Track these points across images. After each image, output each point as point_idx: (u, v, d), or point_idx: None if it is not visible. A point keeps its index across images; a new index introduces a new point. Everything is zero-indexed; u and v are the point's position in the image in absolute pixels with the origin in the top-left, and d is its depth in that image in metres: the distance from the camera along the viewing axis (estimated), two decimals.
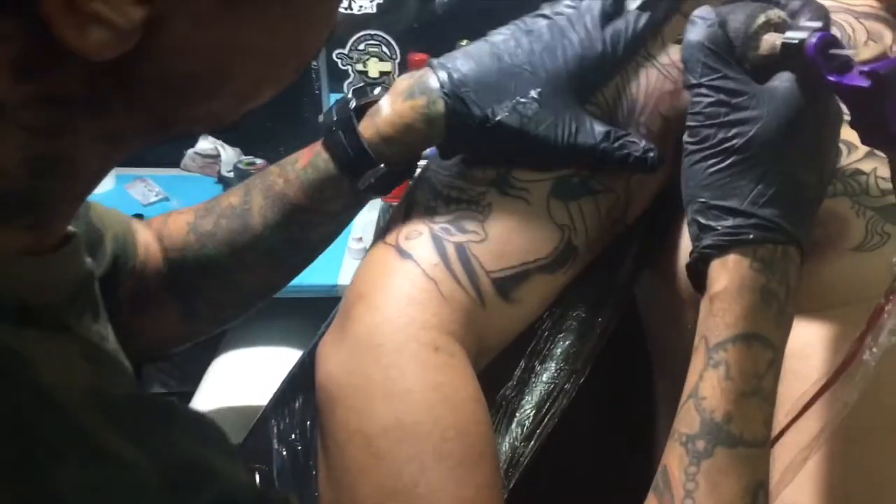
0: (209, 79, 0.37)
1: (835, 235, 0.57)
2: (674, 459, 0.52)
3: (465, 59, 0.59)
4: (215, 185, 2.09)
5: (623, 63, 0.60)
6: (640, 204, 0.64)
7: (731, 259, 0.52)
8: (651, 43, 0.61)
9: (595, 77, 0.59)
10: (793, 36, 0.52)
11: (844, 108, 0.53)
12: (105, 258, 0.64)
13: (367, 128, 0.62)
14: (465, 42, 0.62)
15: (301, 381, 0.71)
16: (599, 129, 0.58)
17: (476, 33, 0.63)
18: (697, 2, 0.61)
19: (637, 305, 0.73)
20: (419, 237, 0.59)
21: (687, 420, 0.52)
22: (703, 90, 0.53)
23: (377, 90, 0.71)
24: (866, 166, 0.57)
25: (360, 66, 2.02)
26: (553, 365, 0.64)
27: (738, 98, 0.52)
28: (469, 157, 0.62)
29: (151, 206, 1.96)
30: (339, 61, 2.02)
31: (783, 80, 0.53)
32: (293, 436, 0.70)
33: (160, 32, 0.34)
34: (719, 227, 0.52)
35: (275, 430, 0.71)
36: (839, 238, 0.57)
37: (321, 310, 0.75)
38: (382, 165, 0.61)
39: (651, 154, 0.59)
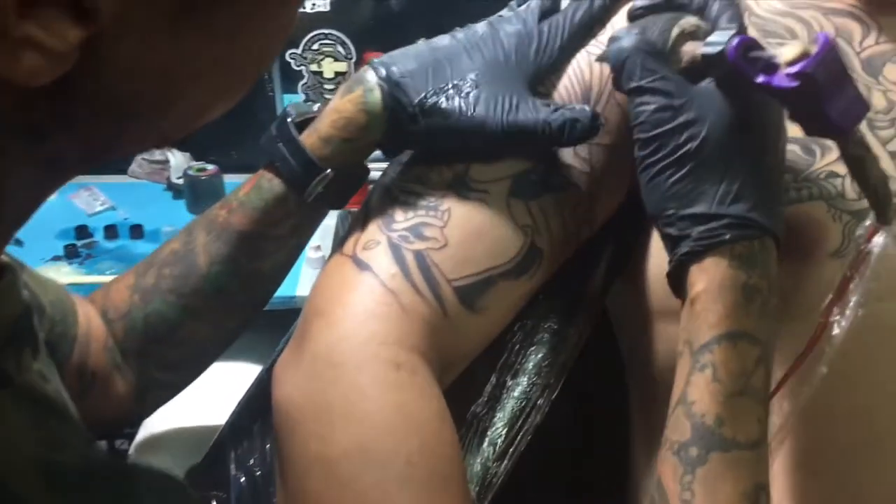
0: (157, 98, 0.35)
1: (812, 242, 0.57)
2: (667, 470, 0.50)
3: (402, 54, 0.59)
4: (164, 191, 2.04)
5: (567, 53, 0.60)
6: (608, 204, 0.63)
7: (709, 261, 0.51)
8: (600, 31, 0.61)
9: (536, 65, 0.58)
10: (711, 43, 0.52)
11: None
12: (44, 326, 0.60)
13: (309, 136, 0.60)
14: (422, 41, 0.61)
15: (259, 402, 0.68)
16: (540, 104, 0.57)
17: (434, 31, 0.63)
18: None
19: (609, 315, 0.72)
20: (377, 247, 0.57)
21: (678, 427, 0.51)
22: (646, 94, 0.52)
23: (316, 106, 0.69)
24: (840, 168, 0.57)
25: (314, 67, 1.99)
26: (525, 379, 0.62)
27: (681, 99, 0.52)
28: (417, 154, 0.60)
29: (97, 215, 1.91)
30: (292, 62, 1.99)
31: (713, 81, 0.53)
32: (252, 461, 0.67)
33: (102, 52, 0.31)
34: (693, 234, 0.52)
35: (232, 454, 0.69)
36: (816, 244, 0.57)
37: (279, 322, 0.73)
38: (329, 171, 0.60)
39: (598, 120, 0.57)
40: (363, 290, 0.56)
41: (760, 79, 0.50)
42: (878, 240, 0.52)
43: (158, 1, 0.31)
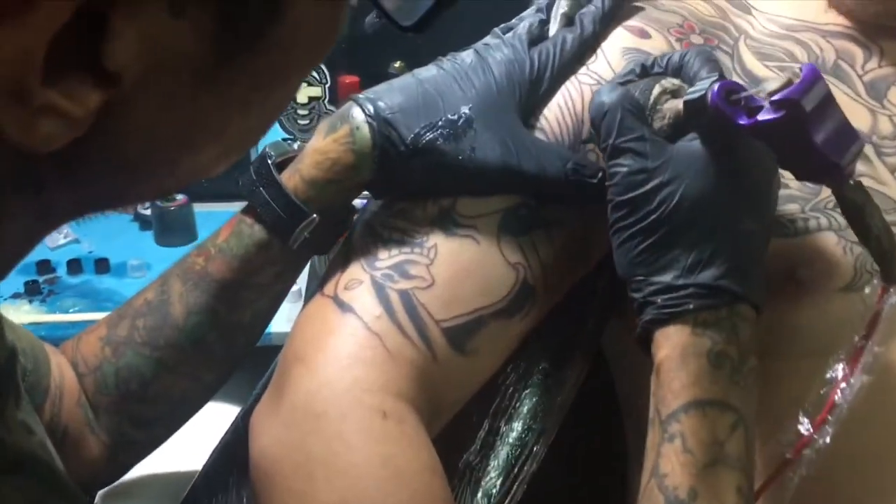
0: (165, 161, 0.34)
1: (821, 275, 0.55)
2: None
3: (388, 88, 0.57)
4: (131, 223, 2.00)
5: (558, 81, 0.58)
6: (603, 240, 0.61)
7: (672, 328, 0.51)
8: (590, 59, 0.60)
9: (529, 93, 0.57)
10: (693, 92, 0.51)
11: None
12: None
13: (290, 177, 0.58)
14: (398, 64, 0.60)
15: (234, 450, 0.66)
16: (541, 148, 0.56)
17: (408, 54, 0.61)
18: (631, 12, 0.60)
19: (605, 354, 0.70)
20: (359, 286, 0.55)
21: (651, 502, 0.49)
22: (621, 155, 0.52)
23: (296, 144, 0.67)
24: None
25: None
26: (520, 424, 0.60)
27: (656, 161, 0.51)
28: (407, 192, 0.58)
29: (60, 249, 1.86)
30: None
31: (696, 137, 0.52)
32: None
33: (118, 115, 0.30)
34: (658, 301, 0.51)
35: None
36: (826, 278, 0.55)
37: (255, 360, 0.70)
38: (315, 216, 0.57)
39: (602, 178, 0.56)
40: (345, 333, 0.54)
41: (744, 120, 0.49)
42: (891, 300, 0.50)
43: (182, 68, 0.30)
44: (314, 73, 1.95)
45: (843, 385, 0.51)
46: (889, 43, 0.62)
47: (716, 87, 0.50)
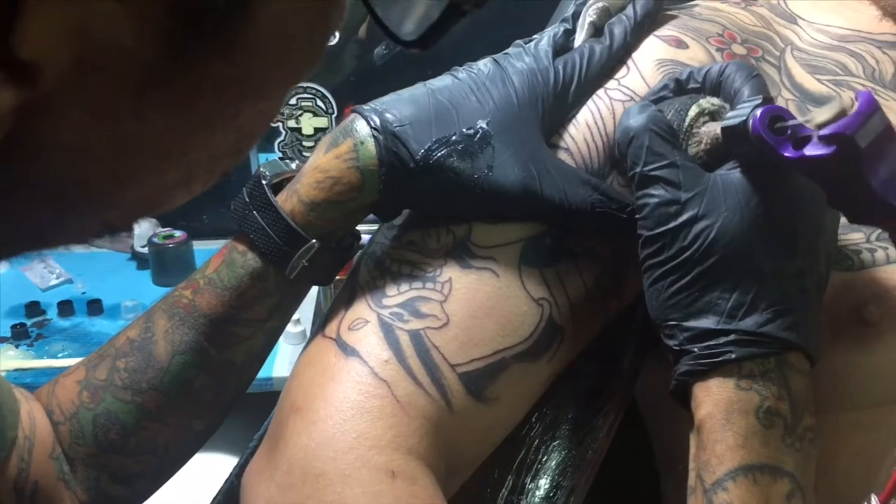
0: (106, 186, 0.30)
1: (893, 313, 0.52)
2: None
3: (397, 99, 0.54)
4: (128, 261, 1.98)
5: (585, 95, 0.56)
6: (638, 273, 0.57)
7: (713, 381, 0.48)
8: (621, 72, 0.57)
9: (553, 108, 0.54)
10: (733, 117, 0.48)
11: None
12: None
13: (287, 199, 0.55)
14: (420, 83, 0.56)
15: None
16: (566, 174, 0.53)
17: None
18: (665, 21, 0.57)
19: (639, 402, 0.66)
20: (365, 326, 0.52)
21: None
22: (650, 185, 0.49)
23: (295, 163, 0.64)
24: None
25: (292, 123, 1.96)
26: (547, 481, 0.57)
27: (690, 192, 0.48)
28: (418, 217, 0.56)
29: (52, 289, 1.84)
30: None
31: (737, 165, 0.49)
32: None
33: (43, 125, 0.26)
34: (695, 350, 0.48)
35: None
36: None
37: (253, 407, 0.70)
38: (314, 241, 0.54)
39: (632, 212, 0.52)
40: (349, 381, 0.50)
41: (789, 152, 0.45)
42: None
43: (122, 68, 0.25)
44: (320, 104, 1.94)
45: None
46: None
47: (759, 112, 0.46)
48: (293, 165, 0.60)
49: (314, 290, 1.68)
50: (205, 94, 0.28)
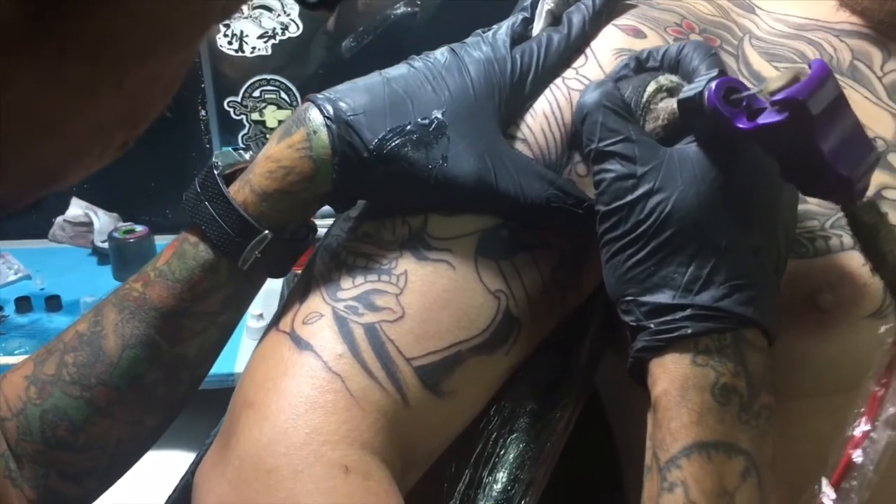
0: None
1: (846, 301, 0.52)
2: None
3: (352, 87, 0.54)
4: (89, 257, 1.96)
5: (542, 84, 0.55)
6: (598, 268, 0.57)
7: (669, 357, 0.47)
8: (579, 61, 0.56)
9: (509, 98, 0.54)
10: (689, 91, 0.48)
11: None
12: None
13: (240, 190, 0.54)
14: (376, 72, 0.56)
15: None
16: (522, 166, 0.52)
17: None
18: (624, 10, 0.58)
19: (600, 393, 0.66)
20: (319, 320, 0.52)
21: None
22: (606, 160, 0.49)
23: (249, 154, 0.64)
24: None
25: (255, 116, 1.94)
26: (505, 475, 0.57)
27: (645, 166, 0.48)
28: (374, 208, 0.55)
29: (9, 286, 1.82)
30: (231, 110, 1.95)
31: (693, 140, 0.49)
32: None
33: None
34: (651, 326, 0.48)
35: None
36: (851, 304, 0.52)
37: (215, 404, 0.66)
38: (267, 232, 0.53)
39: (588, 207, 0.52)
40: (302, 375, 0.50)
41: (743, 124, 0.45)
42: None
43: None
44: (284, 97, 1.93)
45: (864, 444, 0.46)
46: None
47: (714, 84, 0.46)
48: (247, 156, 0.59)
49: (279, 284, 1.67)
50: (77, 56, 0.26)
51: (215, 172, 0.55)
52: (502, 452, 0.57)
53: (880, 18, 0.60)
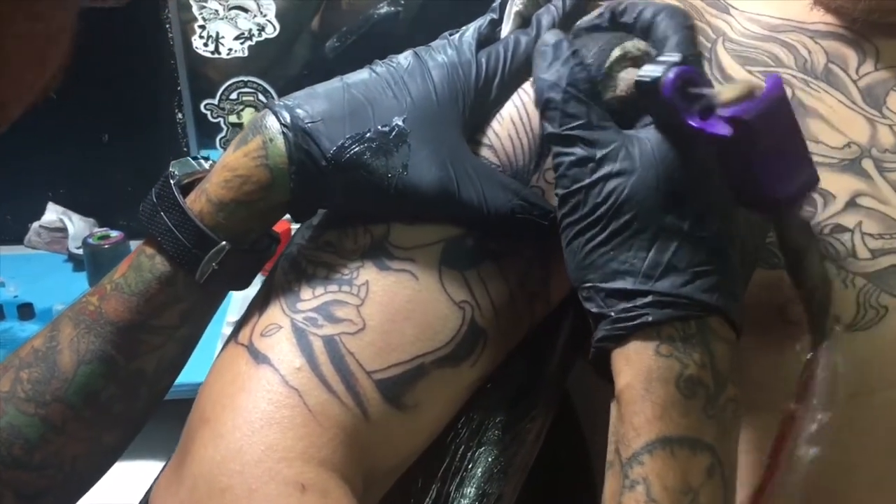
0: None
1: None
2: None
3: (310, 94, 0.53)
4: (64, 263, 1.94)
5: (509, 89, 0.54)
6: (566, 278, 0.56)
7: (632, 347, 0.46)
8: None
9: (474, 104, 0.53)
10: (648, 72, 0.47)
11: None
12: None
13: (196, 200, 0.53)
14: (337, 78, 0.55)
15: None
16: (483, 175, 0.51)
17: None
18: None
19: (571, 403, 0.65)
20: (277, 332, 0.50)
21: None
22: (564, 143, 0.48)
23: (208, 162, 0.62)
24: (849, 220, 0.51)
25: (233, 118, 1.93)
26: (472, 489, 0.56)
27: (604, 149, 0.47)
28: (336, 217, 0.54)
29: None
30: (208, 113, 1.94)
31: (652, 122, 0.49)
32: None
33: None
34: (612, 314, 0.46)
35: None
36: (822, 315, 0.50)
37: (188, 414, 0.65)
38: (224, 243, 0.52)
39: (554, 219, 0.51)
40: (259, 390, 0.48)
41: (694, 121, 0.45)
42: (822, 361, 0.46)
43: None
44: (262, 99, 1.92)
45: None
46: (884, 42, 0.59)
47: (672, 74, 0.45)
48: (207, 164, 0.58)
49: (254, 292, 1.66)
50: None
51: (171, 182, 0.53)
52: (470, 466, 0.56)
53: (855, 17, 0.59)
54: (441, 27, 0.61)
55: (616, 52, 0.49)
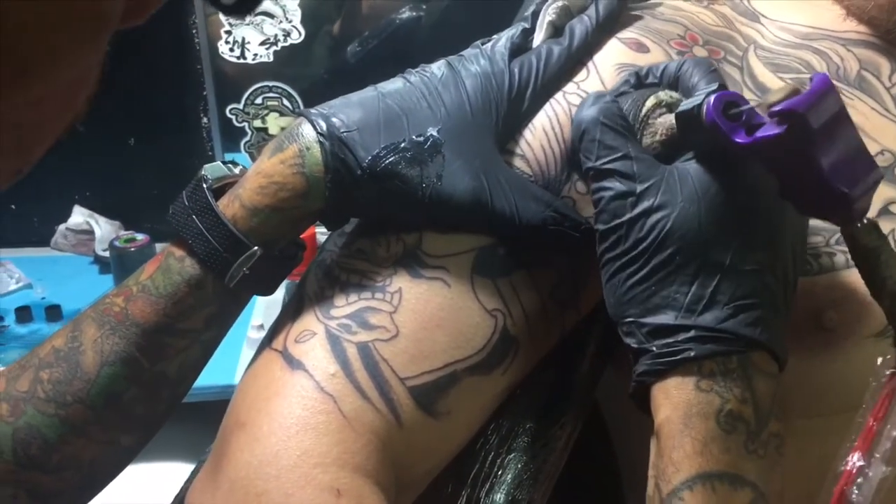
0: None
1: (851, 319, 0.51)
2: None
3: (345, 102, 0.53)
4: (90, 265, 1.95)
5: (541, 99, 0.54)
6: (597, 287, 0.56)
7: (672, 382, 0.46)
8: (580, 74, 0.55)
9: (507, 114, 0.53)
10: (688, 104, 0.47)
11: None
12: None
13: (229, 204, 0.53)
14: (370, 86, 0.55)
15: None
16: (516, 186, 0.51)
17: None
18: (628, 22, 0.57)
19: (600, 411, 0.65)
20: (312, 339, 0.51)
21: None
22: (604, 178, 0.48)
23: (238, 168, 0.62)
24: (882, 228, 0.51)
25: (258, 123, 1.94)
26: (502, 495, 0.56)
27: (644, 183, 0.47)
28: (368, 225, 0.54)
29: (10, 295, 1.81)
30: (233, 118, 1.95)
31: (693, 157, 0.48)
32: None
33: None
34: (653, 349, 0.46)
35: None
36: (856, 322, 0.51)
37: (214, 415, 0.65)
38: (256, 248, 0.52)
39: (586, 230, 0.51)
40: (294, 396, 0.49)
41: (741, 138, 0.44)
42: None
43: None
44: (287, 104, 1.92)
45: (859, 479, 0.45)
46: None
47: (712, 98, 0.45)
48: (236, 170, 0.58)
49: (280, 294, 1.66)
50: None
51: (204, 186, 0.54)
52: (500, 472, 0.56)
53: (888, 28, 0.59)
54: (463, 32, 0.61)
55: (651, 101, 0.50)
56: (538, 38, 0.56)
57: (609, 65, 0.55)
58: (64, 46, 0.26)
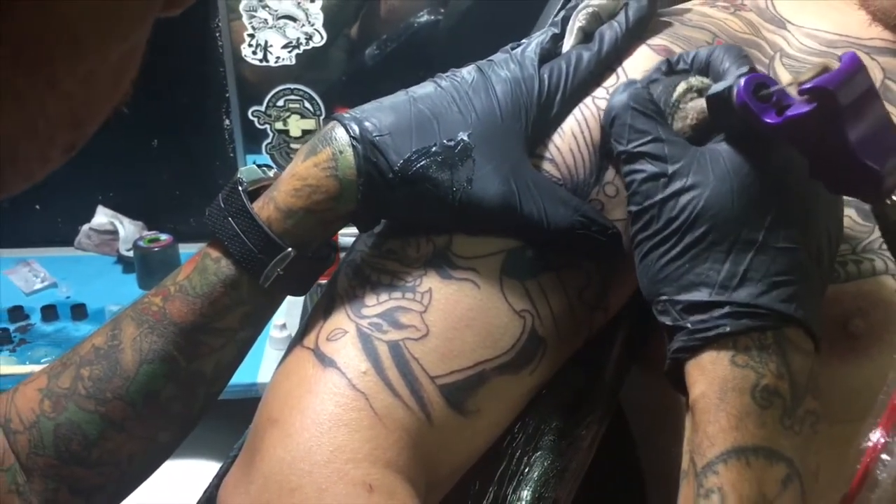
0: None
1: (878, 326, 0.51)
2: None
3: (378, 107, 0.53)
4: (114, 265, 1.97)
5: (570, 104, 0.54)
6: (624, 286, 0.57)
7: (707, 357, 0.46)
8: (609, 80, 0.55)
9: (537, 119, 0.53)
10: (719, 87, 0.48)
11: None
12: None
13: (264, 207, 0.54)
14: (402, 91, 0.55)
15: None
16: (545, 191, 0.52)
17: (410, 87, 0.56)
18: (657, 28, 0.57)
19: (625, 409, 0.65)
20: (343, 337, 0.51)
21: None
22: (636, 161, 0.48)
23: (273, 171, 0.63)
24: None
25: (279, 125, 1.95)
26: (529, 493, 0.56)
27: (676, 164, 0.47)
28: (399, 228, 0.55)
29: (36, 294, 1.83)
30: (255, 120, 1.96)
31: (724, 138, 0.49)
32: None
33: None
34: (688, 325, 0.46)
35: None
36: (884, 329, 0.51)
37: (238, 413, 0.68)
38: (290, 250, 0.53)
39: (613, 235, 0.51)
40: (326, 392, 0.49)
41: (772, 118, 0.45)
42: None
43: None
44: (308, 106, 1.94)
45: (884, 456, 0.45)
46: None
47: (743, 81, 0.46)
48: (271, 173, 0.59)
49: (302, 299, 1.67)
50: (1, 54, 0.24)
51: (240, 188, 0.55)
52: (527, 470, 0.56)
53: None
54: (480, 35, 0.61)
55: (682, 86, 0.50)
56: (568, 43, 0.57)
57: (638, 71, 0.55)
58: (114, 21, 0.27)
